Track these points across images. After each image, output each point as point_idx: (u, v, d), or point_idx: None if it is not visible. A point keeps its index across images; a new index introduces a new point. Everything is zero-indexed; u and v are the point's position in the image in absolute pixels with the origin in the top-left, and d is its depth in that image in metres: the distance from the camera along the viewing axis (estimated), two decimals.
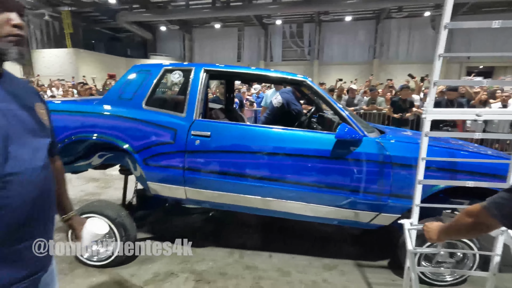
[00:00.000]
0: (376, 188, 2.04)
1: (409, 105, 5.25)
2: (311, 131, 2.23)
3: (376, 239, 2.86)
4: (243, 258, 2.45)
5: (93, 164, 2.33)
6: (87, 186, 4.08)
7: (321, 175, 2.07)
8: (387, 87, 8.00)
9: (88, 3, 16.56)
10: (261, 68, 2.59)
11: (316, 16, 17.39)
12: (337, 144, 2.04)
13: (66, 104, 2.36)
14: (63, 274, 2.12)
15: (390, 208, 2.07)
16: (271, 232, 2.97)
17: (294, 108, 3.31)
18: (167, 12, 16.43)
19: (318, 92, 2.23)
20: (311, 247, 2.64)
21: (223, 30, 20.06)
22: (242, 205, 2.24)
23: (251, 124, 2.33)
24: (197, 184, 2.16)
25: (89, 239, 1.06)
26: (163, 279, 2.14)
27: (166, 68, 2.28)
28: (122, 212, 2.13)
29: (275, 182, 2.09)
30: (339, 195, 2.07)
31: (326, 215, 2.17)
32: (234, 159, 2.09)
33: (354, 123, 2.09)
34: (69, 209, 1.13)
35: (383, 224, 2.18)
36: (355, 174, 2.04)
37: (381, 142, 2.08)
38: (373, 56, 17.98)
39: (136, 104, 2.19)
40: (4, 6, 0.74)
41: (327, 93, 2.33)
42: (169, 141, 2.10)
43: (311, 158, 2.05)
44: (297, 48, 19.36)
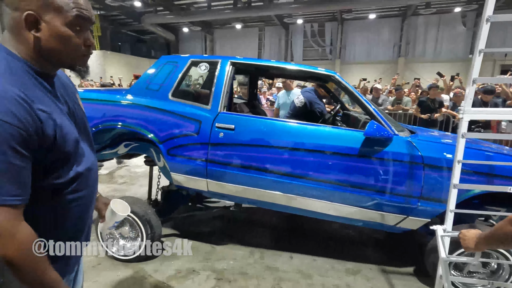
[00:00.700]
0: (405, 190, 1.95)
1: (438, 105, 5.01)
2: (338, 127, 2.16)
3: (401, 244, 2.75)
4: (263, 258, 2.43)
5: (119, 153, 2.39)
6: (114, 183, 4.22)
7: (347, 174, 2.00)
8: (414, 86, 7.69)
9: (116, 6, 17.21)
10: (287, 62, 2.53)
11: (338, 14, 17.04)
12: (365, 142, 1.97)
13: (93, 92, 2.41)
14: (91, 267, 2.21)
15: (419, 211, 1.97)
16: (292, 232, 2.93)
17: (317, 108, 3.24)
18: (190, 13, 16.74)
19: (347, 87, 2.17)
20: (333, 250, 2.58)
21: (244, 30, 20.16)
22: (263, 201, 2.21)
23: (276, 119, 2.28)
24: (219, 177, 2.15)
25: (113, 219, 1.08)
26: (185, 275, 2.17)
27: (193, 60, 2.29)
28: (149, 210, 2.18)
29: (299, 178, 2.04)
30: (365, 195, 2.00)
31: (350, 216, 2.11)
32: (258, 153, 2.07)
33: (384, 121, 2.01)
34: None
35: (409, 228, 2.09)
36: (383, 174, 1.96)
37: (412, 142, 1.99)
38: (398, 54, 17.39)
39: (162, 95, 2.21)
40: (86, 26, 0.77)
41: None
42: (193, 133, 2.11)
43: (337, 155, 2.00)
44: (318, 48, 19.08)
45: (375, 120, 2.01)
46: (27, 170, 0.67)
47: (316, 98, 3.28)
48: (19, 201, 0.65)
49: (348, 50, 18.52)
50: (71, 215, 0.83)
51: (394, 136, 1.98)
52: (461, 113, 1.48)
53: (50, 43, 0.72)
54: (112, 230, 1.13)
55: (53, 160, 0.74)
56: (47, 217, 0.78)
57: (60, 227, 0.81)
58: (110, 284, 2.04)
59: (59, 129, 0.72)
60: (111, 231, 1.13)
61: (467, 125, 1.51)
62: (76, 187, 0.81)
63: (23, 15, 0.67)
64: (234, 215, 3.20)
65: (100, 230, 1.13)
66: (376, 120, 2.01)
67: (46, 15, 0.69)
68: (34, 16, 0.68)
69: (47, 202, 0.76)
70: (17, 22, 0.69)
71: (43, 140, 0.69)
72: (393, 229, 2.13)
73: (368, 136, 1.92)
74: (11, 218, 0.65)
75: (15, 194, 0.64)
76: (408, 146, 1.96)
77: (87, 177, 0.85)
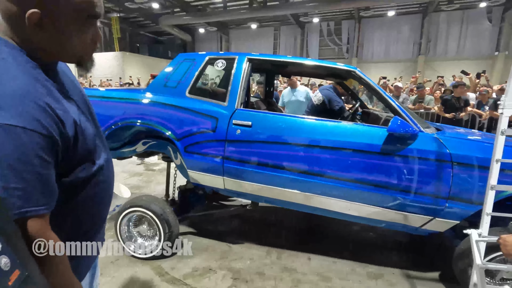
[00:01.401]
0: (432, 190, 1.84)
1: (463, 104, 4.78)
2: (359, 124, 2.08)
3: (425, 248, 2.62)
4: (281, 259, 2.37)
5: (137, 150, 2.40)
6: (131, 180, 4.29)
7: (369, 172, 1.91)
8: (437, 84, 7.39)
9: (135, 9, 17.63)
10: (305, 58, 2.46)
11: (356, 12, 16.72)
12: (388, 139, 1.87)
13: (113, 91, 2.44)
14: (109, 262, 2.22)
15: (447, 213, 1.86)
16: (310, 233, 2.86)
17: (336, 105, 3.15)
18: (206, 14, 16.91)
19: (368, 83, 2.08)
20: (353, 252, 2.49)
21: (259, 30, 20.14)
22: (281, 199, 2.16)
23: (294, 115, 2.21)
24: (235, 174, 2.12)
25: (114, 202, 1.06)
26: (201, 274, 2.14)
27: (210, 57, 2.27)
28: (167, 209, 2.17)
29: (318, 176, 1.97)
30: (388, 195, 1.90)
31: (372, 216, 2.02)
32: (276, 150, 2.01)
33: (408, 117, 1.91)
34: None
35: (436, 230, 1.98)
36: (408, 172, 1.86)
37: (439, 139, 1.88)
38: (418, 52, 16.86)
39: (180, 92, 2.20)
40: (95, 21, 0.72)
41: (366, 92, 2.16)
42: (210, 130, 2.08)
43: (358, 152, 1.91)
44: (335, 46, 18.80)
45: (399, 116, 1.91)
46: (53, 177, 0.65)
47: (335, 95, 3.18)
48: (46, 209, 0.64)
49: (365, 48, 18.15)
50: (90, 212, 0.81)
51: (420, 132, 1.87)
52: (501, 108, 1.37)
53: (57, 40, 0.67)
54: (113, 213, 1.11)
55: (77, 157, 0.71)
56: (66, 216, 0.76)
57: (78, 225, 0.79)
58: (128, 280, 2.05)
59: (78, 126, 0.70)
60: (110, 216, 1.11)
61: (507, 121, 1.40)
62: (96, 181, 0.79)
63: (27, 14, 0.61)
64: (250, 214, 3.16)
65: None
66: (400, 116, 1.91)
67: (52, 10, 0.63)
68: (38, 15, 0.62)
69: (68, 201, 0.74)
70: (17, 16, 0.62)
71: (66, 141, 0.66)
72: (418, 231, 2.02)
73: (391, 132, 1.83)
74: (41, 227, 0.63)
75: (43, 203, 0.62)
76: (435, 143, 1.85)
77: (106, 169, 0.83)
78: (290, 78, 4.45)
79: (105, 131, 2.14)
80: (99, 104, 2.19)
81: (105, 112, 2.15)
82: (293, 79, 4.58)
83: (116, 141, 2.28)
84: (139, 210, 2.14)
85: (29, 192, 0.60)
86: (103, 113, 2.15)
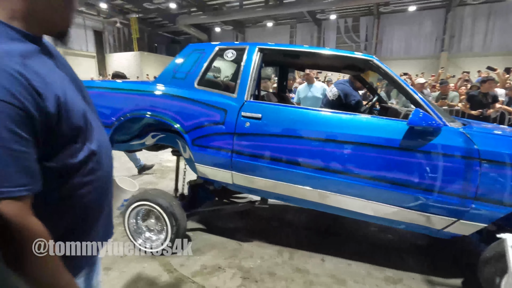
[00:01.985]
0: (456, 189, 1.69)
1: (491, 100, 4.49)
2: (377, 117, 1.94)
3: (447, 252, 2.46)
4: (293, 259, 2.29)
5: (147, 143, 2.38)
6: (145, 176, 4.31)
7: (386, 169, 1.78)
8: (462, 80, 7.01)
9: (153, 9, 17.96)
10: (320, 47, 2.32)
11: (375, 8, 16.26)
12: (409, 133, 1.73)
13: (122, 83, 2.43)
14: (119, 257, 2.21)
15: (473, 214, 1.70)
16: (325, 233, 2.75)
17: (352, 99, 3.00)
18: (222, 13, 16.95)
19: (387, 73, 1.94)
20: (370, 254, 2.37)
21: (275, 28, 20.00)
22: (292, 196, 2.06)
23: (306, 107, 2.10)
24: (244, 169, 2.04)
25: (121, 197, 1.02)
26: (210, 272, 2.09)
27: (220, 47, 2.20)
28: (173, 202, 2.14)
29: (331, 173, 1.86)
30: (407, 194, 1.76)
31: (390, 216, 1.88)
32: (286, 144, 1.91)
33: (431, 109, 1.77)
34: None
35: (459, 233, 1.82)
36: (430, 170, 1.71)
37: (466, 133, 1.72)
38: (440, 49, 16.17)
39: (188, 84, 2.15)
40: None
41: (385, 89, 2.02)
42: (219, 122, 2.01)
43: (376, 147, 1.78)
44: (352, 44, 18.36)
45: (421, 108, 1.77)
46: (31, 156, 0.57)
47: (351, 89, 3.04)
48: (25, 191, 0.56)
49: (384, 45, 17.62)
50: (82, 206, 0.73)
51: (444, 126, 1.73)
52: None
53: (47, 3, 0.63)
54: (121, 209, 1.07)
55: (61, 137, 0.64)
56: (58, 206, 0.69)
57: (72, 217, 0.72)
58: (136, 276, 2.02)
59: (62, 102, 0.63)
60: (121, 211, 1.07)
61: None
62: (88, 170, 0.72)
63: None
64: (262, 211, 3.09)
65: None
66: (422, 108, 1.77)
67: None
68: None
69: (58, 188, 0.67)
70: None
71: (47, 117, 0.59)
72: (440, 233, 1.87)
73: (412, 125, 1.69)
74: (17, 212, 0.55)
75: (20, 184, 0.55)
76: (461, 138, 1.70)
77: (101, 156, 0.76)
78: (307, 73, 4.33)
79: (114, 123, 2.12)
80: (108, 96, 2.18)
81: (113, 104, 2.14)
82: (310, 74, 4.44)
83: (125, 134, 2.26)
84: (146, 204, 2.12)
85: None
86: (111, 105, 2.14)
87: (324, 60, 2.55)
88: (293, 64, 3.07)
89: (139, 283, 1.96)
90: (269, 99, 2.76)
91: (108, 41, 21.53)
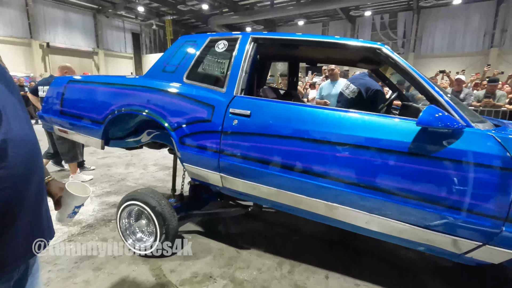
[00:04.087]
0: (481, 206, 1.34)
1: None
2: (382, 115, 1.60)
3: (476, 278, 2.07)
4: (293, 273, 2.06)
5: (142, 140, 2.30)
6: (158, 173, 4.31)
7: (390, 178, 1.48)
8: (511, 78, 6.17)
9: (186, 11, 18.44)
10: (321, 35, 2.01)
11: (415, 2, 15.19)
12: (420, 135, 1.42)
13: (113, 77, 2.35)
14: (112, 257, 2.15)
15: (505, 239, 1.34)
16: (336, 245, 2.48)
17: (372, 89, 2.62)
18: (253, 12, 16.90)
19: (397, 62, 1.62)
20: (383, 274, 2.07)
21: (307, 27, 19.56)
22: (284, 204, 1.84)
23: (299, 103, 1.84)
24: (232, 171, 1.85)
25: (72, 204, 0.90)
26: (200, 281, 1.94)
27: (212, 38, 2.04)
28: (163, 201, 2.02)
29: (320, 178, 1.60)
30: (415, 208, 1.45)
31: (399, 235, 1.58)
32: (274, 145, 1.68)
33: (450, 106, 1.44)
34: (46, 173, 0.95)
35: (487, 261, 1.46)
36: (445, 180, 1.38)
37: (496, 137, 1.36)
38: (489, 45, 14.67)
39: (177, 77, 2.01)
40: None
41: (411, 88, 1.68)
42: (206, 119, 1.84)
43: (377, 151, 1.48)
44: (389, 41, 17.33)
45: (437, 104, 1.45)
46: None
47: (372, 81, 2.66)
48: None
49: (424, 42, 16.41)
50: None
51: (467, 128, 1.39)
52: None
53: None
54: (73, 217, 0.94)
55: None
56: None
57: None
58: (122, 279, 1.93)
59: None
60: (72, 219, 0.95)
61: None
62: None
63: None
64: (269, 216, 2.89)
65: (57, 220, 0.94)
66: (438, 104, 1.45)
67: None
68: None
69: None
70: None
71: None
72: (461, 259, 1.52)
73: (423, 125, 1.36)
74: None
75: None
76: (489, 143, 1.35)
77: (7, 149, 0.65)
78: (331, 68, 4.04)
79: (105, 118, 2.05)
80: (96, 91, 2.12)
81: (102, 99, 2.07)
82: (336, 70, 4.13)
83: (121, 130, 2.19)
84: (134, 203, 2.03)
85: None
86: (100, 100, 2.08)
87: (327, 51, 2.25)
88: (299, 57, 2.77)
89: (123, 286, 1.87)
90: (266, 95, 2.53)
91: (144, 43, 22.58)
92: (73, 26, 18.07)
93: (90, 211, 2.94)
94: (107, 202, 3.19)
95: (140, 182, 3.94)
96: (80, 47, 18.44)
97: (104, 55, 19.83)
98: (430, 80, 1.58)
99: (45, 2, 16.50)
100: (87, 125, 2.19)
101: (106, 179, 4.00)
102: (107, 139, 2.21)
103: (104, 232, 2.54)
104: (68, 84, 2.34)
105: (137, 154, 5.43)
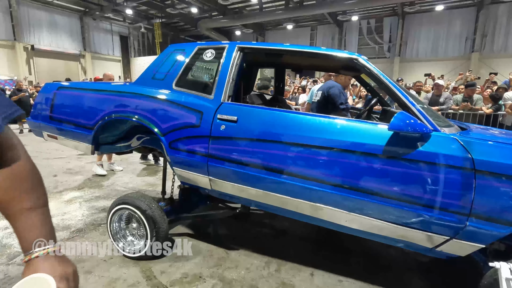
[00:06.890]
0: (446, 203, 1.47)
1: None
2: (357, 120, 1.75)
3: (453, 271, 2.21)
4: (280, 271, 2.15)
5: (133, 145, 2.37)
6: (148, 178, 4.33)
7: (366, 178, 1.60)
8: (488, 82, 6.46)
9: (175, 14, 18.44)
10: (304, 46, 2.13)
11: (400, 8, 15.65)
12: (393, 139, 1.55)
13: (104, 84, 2.44)
14: (102, 260, 2.19)
15: (469, 233, 1.47)
16: (321, 244, 2.58)
17: (330, 90, 2.85)
18: (243, 16, 17.05)
19: (372, 71, 1.76)
20: (365, 270, 2.18)
21: (296, 31, 19.84)
22: (269, 204, 1.94)
23: (282, 110, 1.96)
24: (220, 174, 1.94)
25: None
26: (190, 282, 2.00)
27: (200, 47, 2.14)
28: (153, 205, 2.08)
29: (301, 179, 1.70)
30: (388, 206, 1.57)
31: (374, 231, 1.70)
32: (260, 149, 1.78)
33: (420, 112, 1.57)
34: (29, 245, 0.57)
35: (455, 254, 1.59)
36: (414, 180, 1.52)
37: (460, 141, 1.50)
38: (471, 49, 15.24)
39: (167, 85, 2.10)
40: None
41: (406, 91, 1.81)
42: (195, 125, 1.93)
43: (356, 154, 1.60)
44: (375, 45, 17.78)
45: (409, 111, 1.58)
46: None
47: (332, 82, 2.87)
48: None
49: (409, 46, 16.91)
50: None
51: (433, 132, 1.52)
52: None
53: None
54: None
55: None
56: None
57: None
58: (113, 282, 1.98)
59: None
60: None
61: None
62: None
63: None
64: (258, 217, 2.97)
65: None
66: (408, 111, 1.58)
67: None
68: None
69: None
70: None
71: None
72: (432, 253, 1.65)
73: (394, 130, 1.49)
74: None
75: None
76: (453, 146, 1.49)
77: None
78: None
79: (95, 124, 2.11)
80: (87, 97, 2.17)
81: (92, 106, 2.12)
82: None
83: (110, 136, 2.24)
84: (125, 207, 2.08)
85: None
86: (91, 107, 2.13)
87: (310, 59, 2.38)
88: (284, 64, 2.91)
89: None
90: (252, 101, 2.64)
91: (133, 46, 22.41)
92: (59, 29, 17.80)
93: (79, 216, 2.95)
94: (96, 207, 3.20)
95: (129, 186, 3.96)
96: (66, 49, 18.18)
97: (91, 58, 19.59)
98: (402, 88, 1.72)
99: (29, 4, 16.22)
100: (78, 130, 2.24)
101: (95, 184, 4.01)
102: (97, 144, 2.25)
103: (94, 236, 2.57)
104: (58, 90, 2.37)
105: (125, 158, 5.42)
